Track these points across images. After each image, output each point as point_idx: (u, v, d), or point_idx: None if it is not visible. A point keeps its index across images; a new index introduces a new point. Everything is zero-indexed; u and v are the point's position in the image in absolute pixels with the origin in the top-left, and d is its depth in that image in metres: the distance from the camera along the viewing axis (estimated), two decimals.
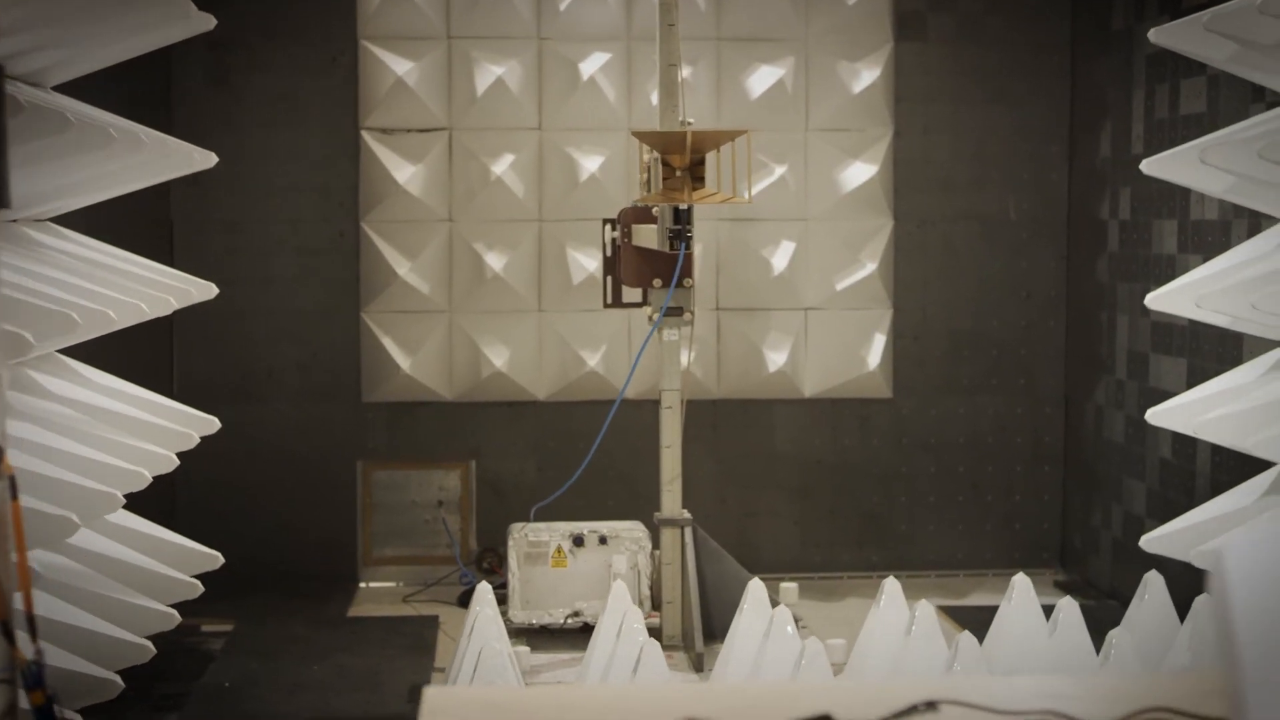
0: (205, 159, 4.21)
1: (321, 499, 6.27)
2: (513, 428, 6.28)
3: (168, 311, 4.15)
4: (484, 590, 4.19)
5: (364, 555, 6.22)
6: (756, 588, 4.29)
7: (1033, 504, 6.52)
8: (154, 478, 3.83)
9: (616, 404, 4.85)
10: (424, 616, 5.70)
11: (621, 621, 3.99)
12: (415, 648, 5.29)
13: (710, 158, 4.72)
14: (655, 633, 4.94)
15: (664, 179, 4.54)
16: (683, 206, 4.61)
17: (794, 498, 6.41)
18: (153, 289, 4.10)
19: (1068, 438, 6.51)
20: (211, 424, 4.28)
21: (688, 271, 4.67)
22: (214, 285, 4.36)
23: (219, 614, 5.59)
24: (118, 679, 3.57)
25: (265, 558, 6.16)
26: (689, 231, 4.56)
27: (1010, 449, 6.51)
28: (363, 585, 6.13)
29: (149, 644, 3.69)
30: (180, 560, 4.24)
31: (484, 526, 6.17)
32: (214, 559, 4.22)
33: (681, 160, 4.47)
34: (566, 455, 5.95)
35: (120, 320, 3.78)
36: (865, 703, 1.32)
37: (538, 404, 6.22)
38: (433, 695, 1.42)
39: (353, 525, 6.25)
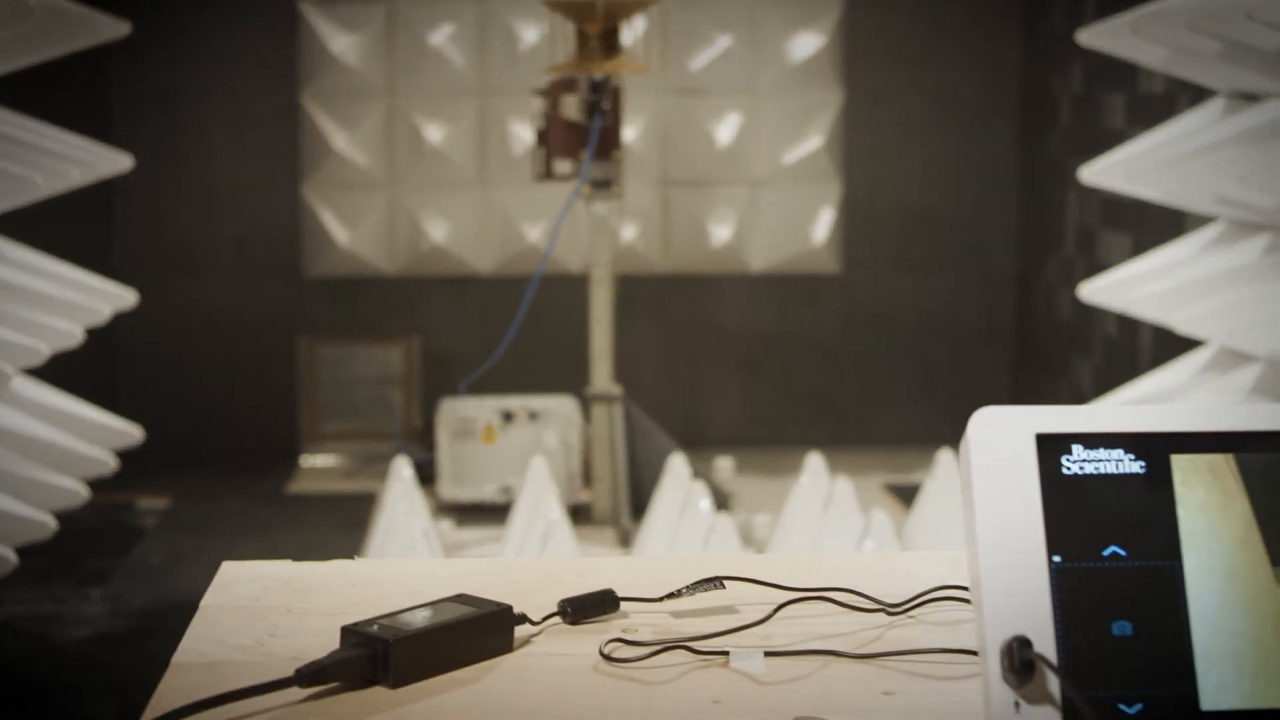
0: (115, 28, 4.11)
1: (263, 375, 6.23)
2: (456, 303, 6.22)
3: (89, 180, 4.07)
4: (400, 465, 4.16)
5: (305, 432, 6.19)
6: (677, 463, 4.26)
7: (983, 382, 6.48)
8: (94, 356, 3.77)
9: (536, 279, 4.79)
10: (364, 494, 5.68)
11: (535, 499, 3.96)
12: (350, 524, 5.27)
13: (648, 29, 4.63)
14: (586, 509, 4.92)
15: (578, 47, 4.45)
16: (597, 77, 4.52)
17: (741, 374, 6.37)
18: (82, 157, 4.02)
19: (1019, 315, 6.47)
20: (126, 299, 4.22)
21: (611, 143, 4.59)
22: (128, 159, 4.27)
23: (156, 490, 5.57)
24: (11, 555, 3.54)
25: (206, 435, 6.13)
26: (605, 103, 4.48)
27: (961, 327, 6.46)
28: (304, 462, 6.10)
29: (50, 520, 3.65)
30: (100, 435, 4.20)
31: (428, 402, 6.12)
32: (131, 434, 4.17)
33: (595, 28, 4.37)
34: (534, 333, 5.90)
35: (47, 187, 3.71)
36: (650, 580, 1.28)
37: (480, 279, 6.17)
38: (228, 567, 1.39)
39: (294, 402, 6.21)
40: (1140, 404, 0.96)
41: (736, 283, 6.32)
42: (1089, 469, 0.98)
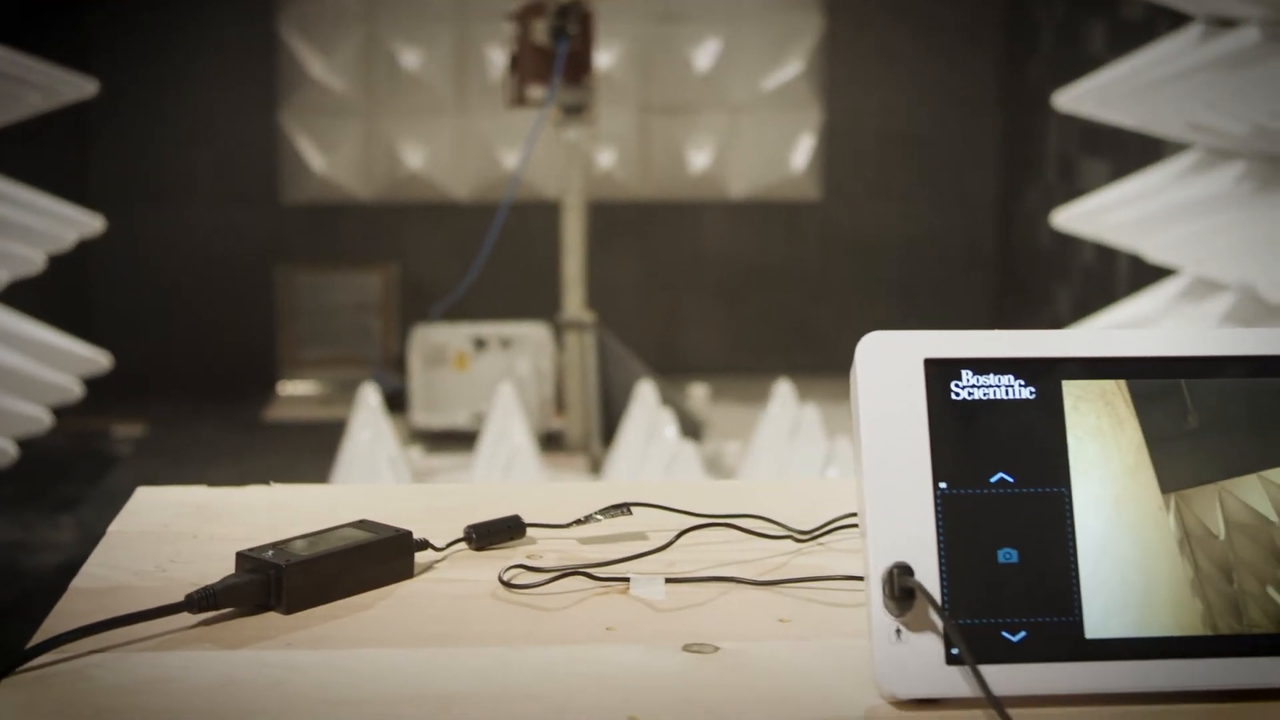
0: None
1: (241, 302, 6.21)
2: (434, 230, 6.20)
3: (51, 105, 4.02)
4: (366, 392, 4.15)
5: (284, 359, 6.17)
6: (646, 390, 4.25)
7: (963, 310, 6.46)
8: (70, 284, 3.74)
9: (504, 206, 4.76)
10: (341, 421, 5.65)
11: (502, 426, 3.95)
12: (326, 452, 5.24)
13: None
14: (559, 436, 4.92)
15: None
16: (565, 0, 4.48)
17: (721, 302, 6.35)
18: (44, 82, 3.97)
19: (999, 243, 6.44)
20: (92, 225, 4.19)
21: (582, 68, 4.55)
22: (93, 84, 4.23)
23: (132, 418, 5.57)
24: None
25: (184, 362, 6.12)
26: (571, 27, 4.43)
27: (942, 254, 6.44)
28: (282, 389, 6.09)
29: (10, 446, 3.64)
30: (67, 362, 4.18)
31: (406, 329, 6.10)
32: (98, 361, 4.15)
33: None
34: (491, 256, 5.87)
35: (6, 113, 3.66)
36: (571, 507, 1.27)
37: (459, 206, 6.14)
38: (142, 493, 1.38)
39: (272, 329, 6.19)
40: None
41: (716, 210, 6.29)
42: (978, 395, 0.96)
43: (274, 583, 1.09)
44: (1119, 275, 5.36)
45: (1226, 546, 0.95)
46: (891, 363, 0.96)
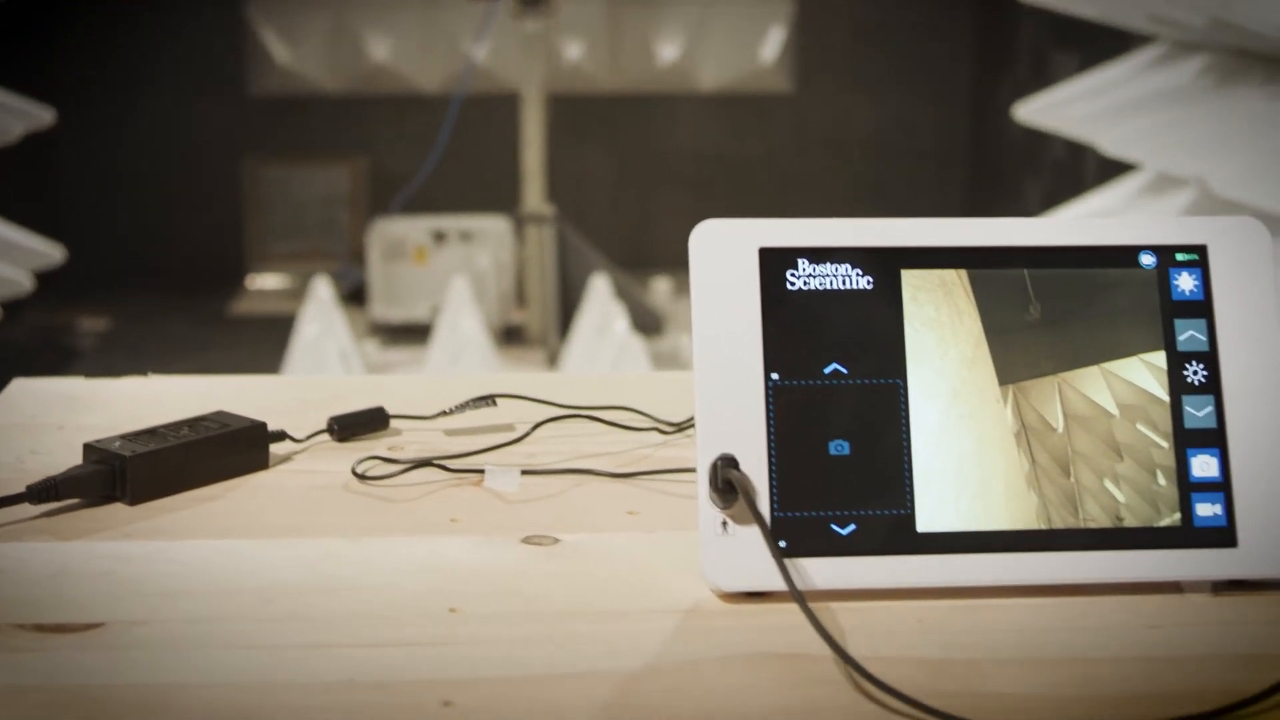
0: None
1: (208, 195, 6.17)
2: (402, 122, 6.14)
3: None
4: (319, 285, 4.12)
5: (251, 253, 6.14)
6: (600, 283, 4.22)
7: (934, 202, 6.43)
8: (33, 178, 3.69)
9: (457, 100, 4.71)
10: None
11: (455, 319, 3.93)
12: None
13: None
14: (519, 330, 4.90)
15: None
16: None
17: (691, 195, 6.32)
18: None
19: (971, 136, 6.40)
20: (42, 118, 4.14)
21: None
22: None
23: (98, 312, 5.54)
24: None
25: (151, 257, 6.09)
26: None
27: (913, 147, 6.40)
28: (250, 283, 6.06)
29: None
30: (19, 256, 4.14)
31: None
32: (51, 255, 4.12)
33: None
34: (458, 150, 5.83)
35: None
36: (425, 397, 1.25)
37: (426, 98, 6.08)
38: (18, 384, 1.36)
39: (240, 222, 6.16)
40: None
41: (685, 102, 6.24)
42: (814, 284, 0.94)
43: (118, 474, 1.07)
44: (1087, 169, 5.33)
45: (1064, 439, 0.94)
46: (726, 252, 0.94)
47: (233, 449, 1.13)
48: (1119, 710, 0.79)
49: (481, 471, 1.13)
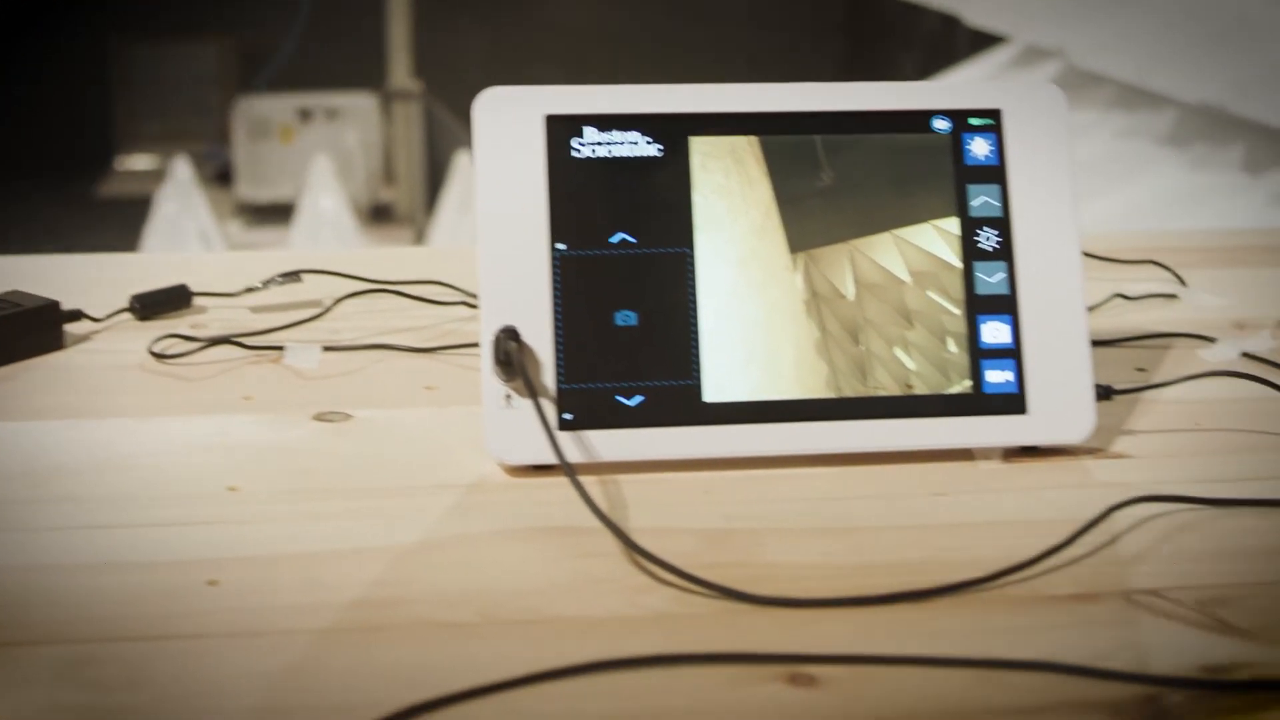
0: None
1: (75, 77, 6.02)
2: None
3: None
4: (178, 165, 4.05)
5: (121, 134, 6.01)
6: (463, 161, 4.18)
7: (810, 77, 6.39)
8: None
9: None
10: None
11: (317, 198, 3.88)
12: None
13: None
14: (389, 208, 4.85)
15: None
16: None
17: (568, 70, 6.25)
18: None
19: (848, 8, 6.38)
20: None
21: None
22: None
23: None
24: None
25: (16, 138, 5.95)
26: None
27: (789, 19, 6.36)
28: (118, 165, 5.94)
29: None
30: None
31: None
32: None
33: None
34: (325, 26, 5.72)
35: None
36: (228, 274, 1.22)
37: None
38: None
39: (108, 104, 6.02)
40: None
41: None
42: (601, 152, 0.92)
43: None
44: (959, 42, 5.32)
45: (855, 307, 0.93)
46: (511, 120, 0.92)
47: (24, 329, 1.10)
48: (891, 577, 0.78)
49: (282, 349, 1.10)
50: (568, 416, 0.89)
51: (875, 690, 0.68)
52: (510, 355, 0.88)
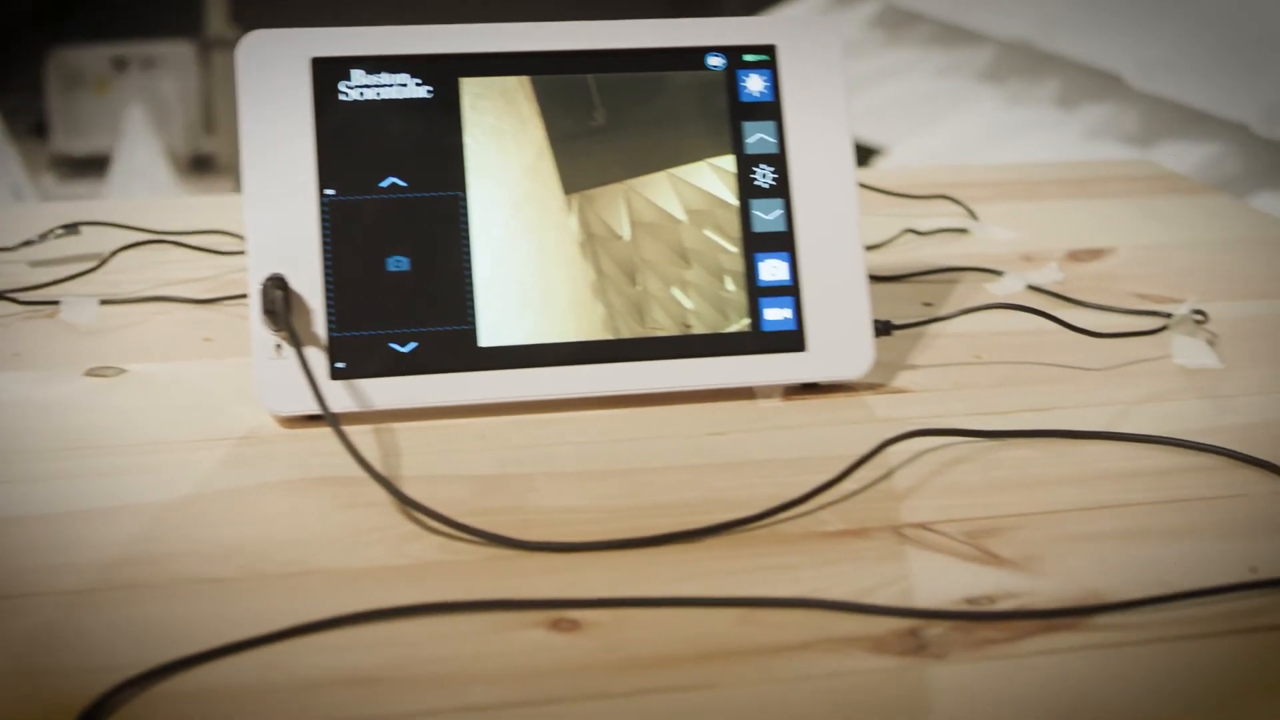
0: None
1: None
2: None
3: None
4: None
5: None
6: None
7: (643, 13, 6.37)
8: None
9: None
10: None
11: (133, 149, 3.80)
12: None
13: None
14: (211, 158, 4.76)
15: None
16: None
17: (393, 13, 6.17)
18: None
19: None
20: None
21: None
22: None
23: None
24: None
25: None
26: None
27: None
28: None
29: None
30: None
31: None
32: None
33: None
34: None
35: None
36: (11, 228, 1.18)
37: None
38: None
39: None
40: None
41: None
42: (369, 95, 0.91)
43: None
44: None
45: (631, 248, 0.92)
46: (276, 63, 0.90)
47: None
48: (663, 518, 0.78)
49: (57, 304, 1.07)
50: (340, 365, 0.88)
51: (636, 633, 0.68)
52: (275, 304, 0.86)
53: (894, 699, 0.64)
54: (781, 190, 0.94)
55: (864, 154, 2.89)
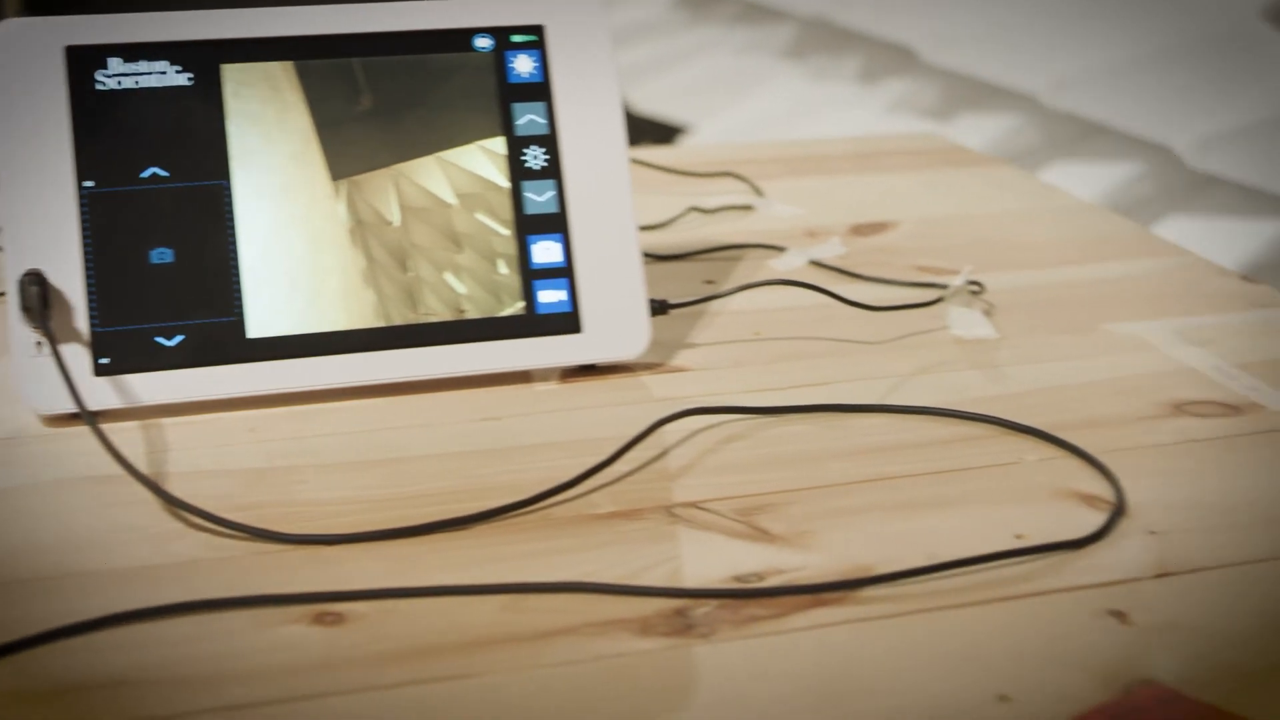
0: None
1: None
2: None
3: None
4: None
5: None
6: None
7: None
8: None
9: None
10: None
11: None
12: None
13: None
14: None
15: None
16: None
17: None
18: None
19: None
20: None
21: None
22: None
23: None
24: None
25: None
26: None
27: None
28: None
29: None
30: None
31: None
32: None
33: None
34: None
35: None
36: None
37: None
38: None
39: None
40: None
41: None
42: (128, 84, 0.88)
43: None
44: None
45: (402, 233, 0.91)
46: (29, 53, 0.88)
47: None
48: (431, 507, 0.77)
49: None
50: (104, 361, 0.86)
51: (401, 624, 0.67)
52: (31, 301, 0.84)
53: (660, 680, 0.64)
54: (553, 171, 0.94)
55: (668, 132, 2.90)
